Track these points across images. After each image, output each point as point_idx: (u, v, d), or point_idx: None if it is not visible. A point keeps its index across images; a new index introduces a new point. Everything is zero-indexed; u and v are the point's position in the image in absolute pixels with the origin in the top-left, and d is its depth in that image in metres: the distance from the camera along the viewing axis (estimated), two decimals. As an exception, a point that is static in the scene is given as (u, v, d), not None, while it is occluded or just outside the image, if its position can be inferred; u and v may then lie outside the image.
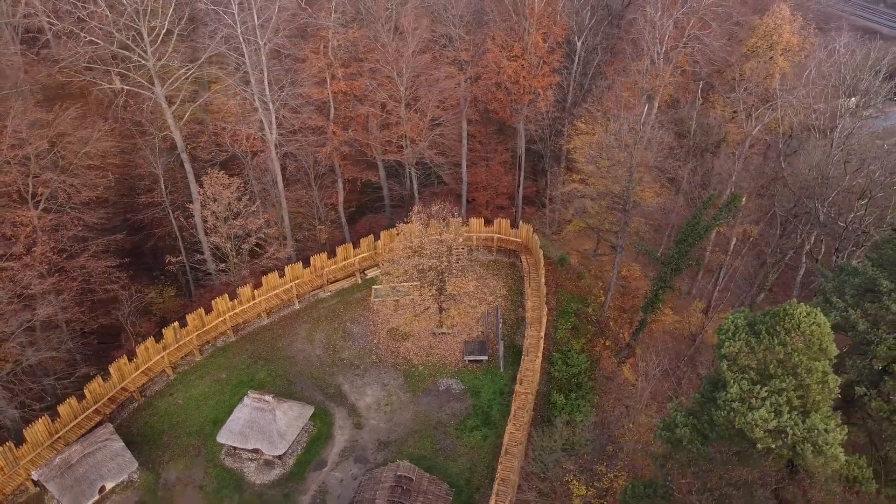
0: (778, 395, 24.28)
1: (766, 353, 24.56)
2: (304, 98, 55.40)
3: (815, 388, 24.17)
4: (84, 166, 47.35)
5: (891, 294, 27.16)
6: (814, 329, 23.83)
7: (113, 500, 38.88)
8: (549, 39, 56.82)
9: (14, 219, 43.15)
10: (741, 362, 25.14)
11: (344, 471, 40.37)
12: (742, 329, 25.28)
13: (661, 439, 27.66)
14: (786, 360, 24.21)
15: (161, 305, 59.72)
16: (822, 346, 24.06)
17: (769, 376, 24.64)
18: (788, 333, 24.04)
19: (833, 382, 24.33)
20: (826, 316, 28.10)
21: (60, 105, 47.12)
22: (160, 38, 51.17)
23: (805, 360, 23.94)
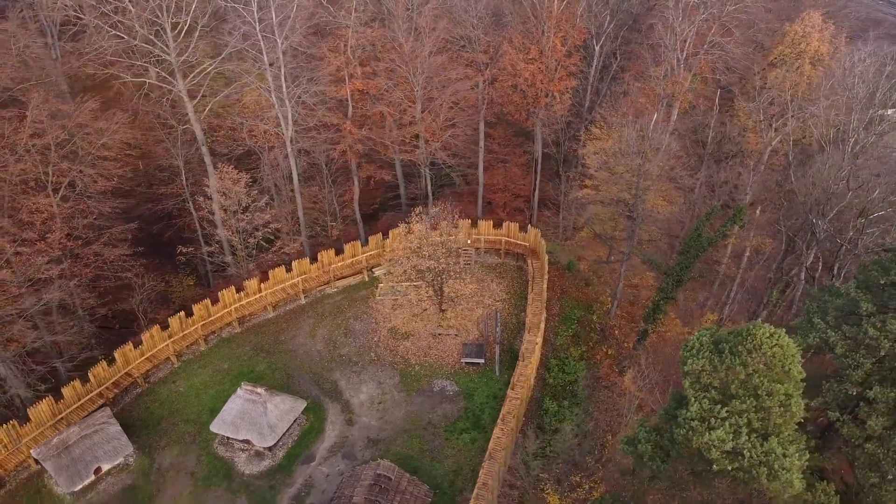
0: (738, 416, 23.83)
1: (728, 373, 24.11)
2: (320, 95, 56.15)
3: (777, 411, 23.63)
4: (101, 157, 48.84)
5: (870, 318, 26.29)
6: (776, 351, 23.29)
7: (108, 482, 40.14)
8: (568, 43, 56.36)
9: (31, 206, 44.80)
10: (703, 381, 24.73)
11: (331, 466, 40.91)
12: (706, 347, 24.84)
13: (625, 454, 27.34)
14: (747, 381, 23.73)
15: (180, 294, 61.43)
16: (785, 369, 23.49)
17: (730, 396, 24.20)
18: (750, 354, 23.56)
19: (796, 406, 23.76)
20: (805, 337, 27.54)
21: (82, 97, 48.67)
22: (183, 33, 52.55)
23: (766, 382, 23.42)
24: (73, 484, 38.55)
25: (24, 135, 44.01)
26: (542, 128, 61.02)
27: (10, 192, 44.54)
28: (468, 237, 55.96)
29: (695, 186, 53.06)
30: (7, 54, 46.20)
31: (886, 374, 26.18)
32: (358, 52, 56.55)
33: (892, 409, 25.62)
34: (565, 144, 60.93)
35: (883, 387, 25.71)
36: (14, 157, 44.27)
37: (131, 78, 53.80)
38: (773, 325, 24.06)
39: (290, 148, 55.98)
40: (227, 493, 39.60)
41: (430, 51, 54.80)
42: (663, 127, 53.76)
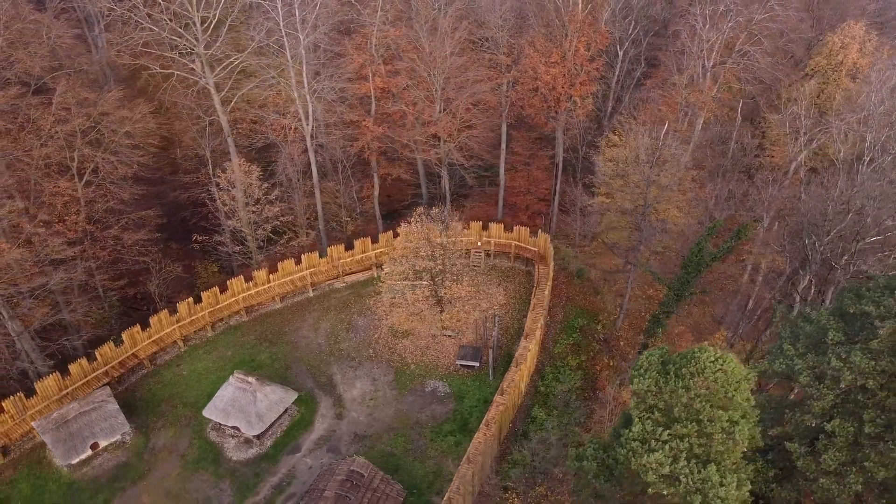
0: (679, 440, 23.29)
1: (672, 396, 23.57)
2: (340, 92, 56.95)
3: (718, 438, 23.01)
4: (124, 145, 50.67)
5: (836, 347, 25.25)
6: (718, 376, 22.67)
7: (104, 457, 41.80)
8: (591, 48, 55.63)
9: (53, 189, 46.89)
10: (649, 402, 24.24)
11: (315, 458, 41.61)
12: (654, 367, 24.34)
13: (571, 469, 27.03)
14: (689, 406, 23.16)
15: (205, 280, 63.23)
16: (728, 395, 22.83)
17: (674, 420, 23.66)
18: (693, 378, 22.99)
19: (740, 434, 23.08)
20: (772, 363, 26.72)
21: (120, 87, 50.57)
22: (211, 26, 54.01)
23: (707, 408, 22.82)
24: (68, 457, 40.32)
25: (48, 121, 46.04)
26: (563, 132, 60.49)
27: (35, 175, 46.68)
28: (479, 239, 56.00)
29: (711, 198, 51.64)
30: (40, 44, 48.36)
31: (850, 407, 25.13)
32: (381, 50, 57.11)
33: (850, 444, 24.59)
34: (582, 150, 60.13)
35: (843, 421, 24.70)
36: (39, 142, 46.38)
37: (160, 69, 55.65)
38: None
39: (310, 143, 57.03)
40: (213, 477, 40.74)
41: (450, 51, 54.92)
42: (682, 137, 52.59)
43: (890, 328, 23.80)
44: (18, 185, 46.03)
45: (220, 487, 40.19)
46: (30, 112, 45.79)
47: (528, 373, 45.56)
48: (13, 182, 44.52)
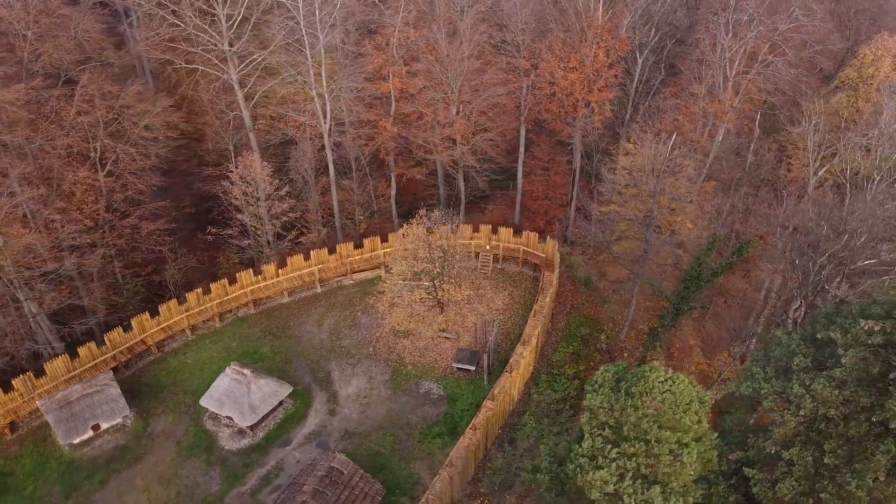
0: (627, 459, 23.05)
1: (622, 414, 23.33)
2: (358, 92, 57.59)
3: (665, 460, 22.69)
4: (143, 137, 52.19)
5: (801, 374, 24.56)
6: (666, 397, 22.36)
7: (104, 439, 43.27)
8: (611, 54, 54.99)
9: (72, 178, 48.63)
10: (601, 418, 24.04)
11: (304, 452, 42.30)
12: (608, 384, 24.11)
13: (526, 481, 26.94)
14: (637, 425, 22.90)
15: (226, 270, 64.76)
16: (676, 417, 22.49)
17: (623, 438, 23.41)
18: (641, 397, 22.71)
19: (688, 457, 22.71)
20: (739, 386, 26.23)
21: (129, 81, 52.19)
22: (236, 24, 55.25)
23: (655, 429, 22.53)
24: (69, 437, 41.88)
25: (70, 112, 47.80)
26: (580, 139, 59.98)
27: (57, 163, 48.47)
28: (488, 242, 56.00)
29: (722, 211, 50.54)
30: (67, 38, 50.19)
31: (813, 436, 24.43)
32: (402, 50, 57.51)
33: (809, 474, 23.91)
34: (597, 157, 59.50)
35: (804, 449, 24.03)
36: (62, 132, 48.18)
37: (185, 64, 57.16)
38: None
39: (328, 141, 57.87)
40: (205, 464, 41.79)
41: (468, 54, 55.00)
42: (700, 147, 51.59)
43: (853, 357, 23.09)
44: (41, 172, 47.86)
45: (209, 475, 41.21)
46: (53, 103, 47.54)
47: (521, 379, 45.42)
48: (34, 170, 46.28)
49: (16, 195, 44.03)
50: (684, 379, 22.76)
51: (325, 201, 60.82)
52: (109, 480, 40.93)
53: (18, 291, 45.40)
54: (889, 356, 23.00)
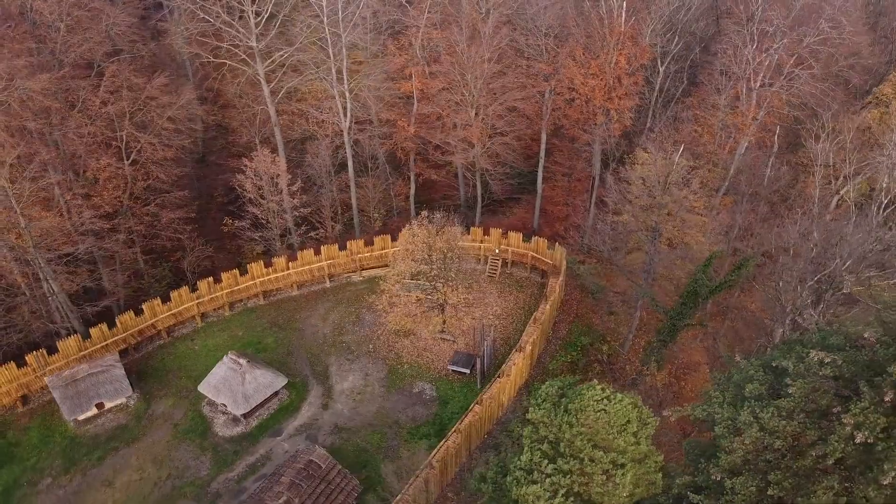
0: (563, 475, 22.97)
1: (560, 430, 23.25)
2: (377, 91, 58.27)
3: (598, 480, 22.53)
4: (166, 128, 53.95)
5: (751, 401, 23.94)
6: (600, 416, 22.19)
7: (107, 417, 45.10)
8: (632, 62, 54.23)
9: (95, 165, 50.68)
10: (541, 432, 24.00)
11: (293, 444, 43.22)
12: (551, 398, 24.05)
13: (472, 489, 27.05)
14: (572, 442, 22.80)
15: (250, 260, 66.51)
16: (609, 437, 22.30)
17: (560, 454, 23.34)
18: (576, 415, 22.60)
19: (622, 479, 22.51)
20: (694, 409, 25.86)
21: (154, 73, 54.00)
22: (263, 20, 56.61)
23: (589, 448, 22.40)
24: (73, 413, 43.80)
25: (96, 102, 49.82)
26: (599, 146, 59.33)
27: (82, 150, 50.56)
28: (497, 246, 55.99)
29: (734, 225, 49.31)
30: (98, 31, 52.29)
31: (761, 465, 23.80)
32: (425, 52, 57.90)
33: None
34: (613, 166, 58.75)
35: (749, 479, 23.45)
36: (88, 121, 50.25)
37: (213, 59, 58.88)
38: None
39: (347, 138, 58.77)
40: (197, 449, 43.14)
41: (488, 57, 55.04)
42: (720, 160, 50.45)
43: (801, 388, 22.45)
44: (65, 159, 50.02)
45: (200, 459, 42.53)
46: (80, 93, 49.62)
47: (514, 386, 45.37)
48: (56, 155, 48.39)
49: (38, 180, 46.12)
50: (623, 399, 22.54)
51: (339, 198, 61.72)
52: (107, 458, 42.65)
53: (39, 271, 47.61)
54: (839, 390, 22.30)
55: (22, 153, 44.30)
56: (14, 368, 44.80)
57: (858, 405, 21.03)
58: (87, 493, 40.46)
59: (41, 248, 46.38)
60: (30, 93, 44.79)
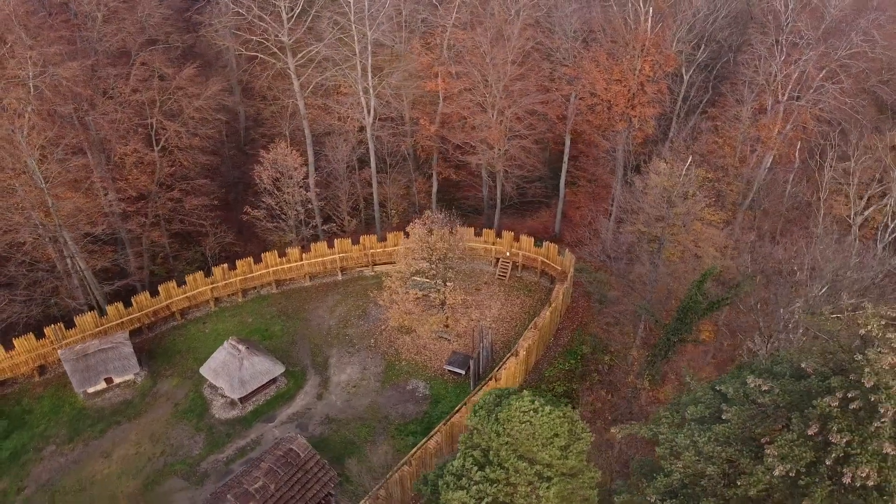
0: (490, 484, 23.04)
1: (489, 438, 23.30)
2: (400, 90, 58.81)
3: (522, 491, 22.51)
4: (194, 118, 55.78)
5: (692, 424, 23.40)
6: (524, 428, 22.13)
7: (114, 392, 47.17)
8: (657, 70, 53.20)
9: (121, 151, 52.87)
10: (475, 439, 24.09)
11: (283, 431, 44.26)
12: (487, 406, 24.10)
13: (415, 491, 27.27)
14: (498, 451, 22.83)
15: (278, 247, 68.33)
16: (532, 449, 22.23)
17: (489, 462, 23.39)
18: (503, 424, 22.61)
19: (545, 492, 22.42)
20: (641, 427, 25.55)
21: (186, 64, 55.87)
22: (295, 15, 57.85)
23: (513, 458, 22.39)
24: (82, 386, 46.01)
25: (126, 90, 51.98)
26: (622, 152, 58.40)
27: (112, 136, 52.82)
28: (508, 249, 55.88)
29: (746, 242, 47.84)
30: (133, 21, 54.48)
31: (697, 490, 23.27)
32: (451, 52, 58.10)
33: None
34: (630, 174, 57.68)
35: (682, 502, 22.98)
36: (119, 108, 52.45)
37: (245, 52, 60.49)
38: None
39: (370, 134, 59.58)
40: (193, 429, 44.70)
41: (511, 59, 54.90)
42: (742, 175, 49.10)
43: (736, 414, 21.88)
44: (97, 143, 52.34)
45: (195, 439, 44.06)
46: (110, 81, 51.84)
47: (505, 390, 45.17)
48: (85, 139, 50.71)
49: (65, 162, 48.46)
50: (552, 412, 22.41)
51: (361, 193, 62.61)
52: (108, 430, 44.66)
53: (64, 248, 50.04)
54: (775, 419, 21.64)
55: (52, 136, 46.65)
56: (33, 340, 47.28)
57: (785, 437, 20.40)
58: (85, 463, 42.46)
59: (68, 227, 48.71)
60: (60, 79, 47.00)
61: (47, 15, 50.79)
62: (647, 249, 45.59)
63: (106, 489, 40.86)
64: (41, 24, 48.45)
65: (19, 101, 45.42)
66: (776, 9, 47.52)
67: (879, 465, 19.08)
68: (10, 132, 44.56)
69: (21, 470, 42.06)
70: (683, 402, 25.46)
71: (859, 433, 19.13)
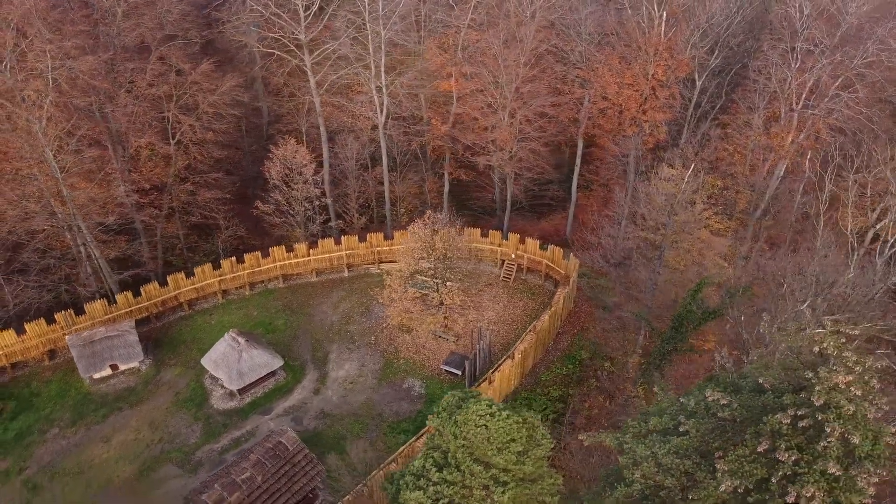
0: (447, 485, 23.18)
1: (448, 441, 23.43)
2: (413, 89, 59.13)
3: (477, 494, 22.59)
4: (208, 113, 56.77)
5: (653, 434, 23.21)
6: (479, 431, 22.21)
7: (118, 379, 48.30)
8: (669, 74, 52.64)
9: (136, 143, 54.11)
10: (436, 440, 24.25)
11: (278, 423, 44.87)
12: (450, 408, 24.23)
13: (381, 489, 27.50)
14: (455, 454, 22.95)
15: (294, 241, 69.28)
16: (486, 453, 22.30)
17: (447, 464, 23.52)
18: (459, 427, 22.72)
19: (500, 497, 22.49)
20: (606, 436, 25.52)
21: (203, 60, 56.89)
22: (311, 13, 58.53)
23: (468, 461, 22.49)
24: (87, 371, 47.20)
25: (142, 84, 53.18)
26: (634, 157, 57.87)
27: (129, 128, 54.09)
28: (514, 251, 55.81)
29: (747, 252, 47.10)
30: (152, 17, 55.65)
31: (658, 501, 23.10)
32: (466, 51, 58.20)
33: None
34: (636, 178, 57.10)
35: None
36: (135, 101, 53.69)
37: (263, 49, 61.39)
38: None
39: (382, 132, 60.04)
40: (191, 418, 45.59)
41: (524, 61, 54.82)
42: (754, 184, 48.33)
43: (693, 427, 21.69)
44: (113, 135, 53.64)
45: (192, 428, 44.94)
46: (126, 75, 53.08)
47: (499, 393, 45.21)
48: (101, 131, 52.01)
49: (80, 153, 49.78)
50: (509, 417, 22.44)
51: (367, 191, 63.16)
52: (110, 416, 45.77)
53: (78, 236, 51.41)
54: (734, 433, 21.40)
55: (69, 128, 47.98)
56: (44, 325, 48.69)
57: (737, 452, 20.17)
58: (85, 447, 43.61)
59: (82, 216, 50.04)
60: (77, 73, 48.27)
61: (68, 9, 52.10)
62: (646, 256, 45.11)
63: (103, 473, 41.91)
64: (61, 18, 49.74)
65: (38, 93, 46.82)
66: (791, 15, 46.61)
67: (830, 485, 18.77)
68: (28, 122, 45.95)
69: (24, 451, 43.36)
70: (649, 413, 25.29)
71: (809, 452, 18.83)
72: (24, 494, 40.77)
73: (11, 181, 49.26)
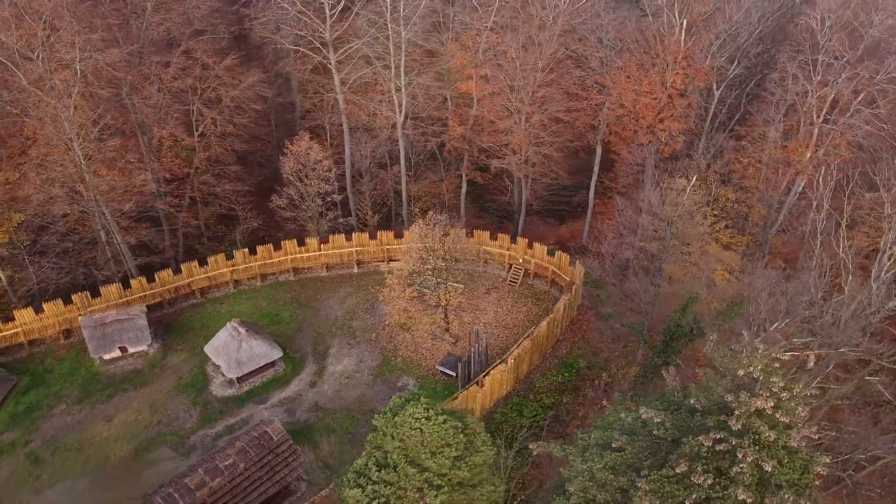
0: (385, 485, 23.49)
1: (387, 440, 23.72)
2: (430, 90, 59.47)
3: (411, 496, 22.83)
4: (228, 106, 58.20)
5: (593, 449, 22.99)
6: (414, 434, 22.43)
7: (127, 361, 50.05)
8: (686, 83, 51.72)
9: (159, 134, 55.88)
10: (378, 440, 24.55)
11: (272, 413, 45.84)
12: (394, 409, 24.51)
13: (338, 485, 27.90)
14: (391, 454, 23.22)
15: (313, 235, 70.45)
16: (420, 456, 22.50)
17: (386, 464, 23.81)
18: (397, 428, 22.98)
19: (433, 500, 22.68)
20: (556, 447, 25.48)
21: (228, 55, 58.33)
22: (337, 12, 59.47)
23: (403, 463, 22.75)
24: (97, 352, 49.07)
25: (166, 77, 54.91)
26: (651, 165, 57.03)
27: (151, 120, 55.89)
28: (521, 256, 55.66)
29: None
30: (180, 13, 57.38)
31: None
32: (487, 54, 58.28)
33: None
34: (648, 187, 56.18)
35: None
36: (159, 93, 55.49)
37: (289, 45, 62.59)
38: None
39: (401, 131, 60.61)
40: (190, 403, 46.92)
41: (542, 66, 54.61)
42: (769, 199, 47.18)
43: (627, 443, 21.46)
44: (137, 126, 55.56)
45: (190, 412, 46.27)
46: (152, 68, 54.87)
47: (491, 397, 45.30)
48: (124, 121, 53.94)
49: (103, 141, 51.70)
50: (445, 421, 22.59)
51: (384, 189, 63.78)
52: (115, 396, 47.47)
53: (100, 219, 53.39)
54: (667, 452, 21.10)
55: (94, 117, 49.90)
56: (61, 305, 50.79)
57: (660, 472, 19.91)
58: (88, 424, 45.35)
59: (105, 202, 51.95)
60: (101, 65, 50.15)
61: (99, 3, 54.12)
62: (645, 267, 44.47)
63: (101, 451, 43.52)
64: (90, 11, 51.72)
65: (65, 83, 48.79)
66: (812, 27, 45.21)
67: (747, 512, 18.37)
68: (56, 110, 47.91)
69: (32, 424, 45.34)
70: (597, 426, 25.08)
71: (726, 477, 18.48)
72: (26, 466, 42.64)
73: (38, 166, 51.44)
